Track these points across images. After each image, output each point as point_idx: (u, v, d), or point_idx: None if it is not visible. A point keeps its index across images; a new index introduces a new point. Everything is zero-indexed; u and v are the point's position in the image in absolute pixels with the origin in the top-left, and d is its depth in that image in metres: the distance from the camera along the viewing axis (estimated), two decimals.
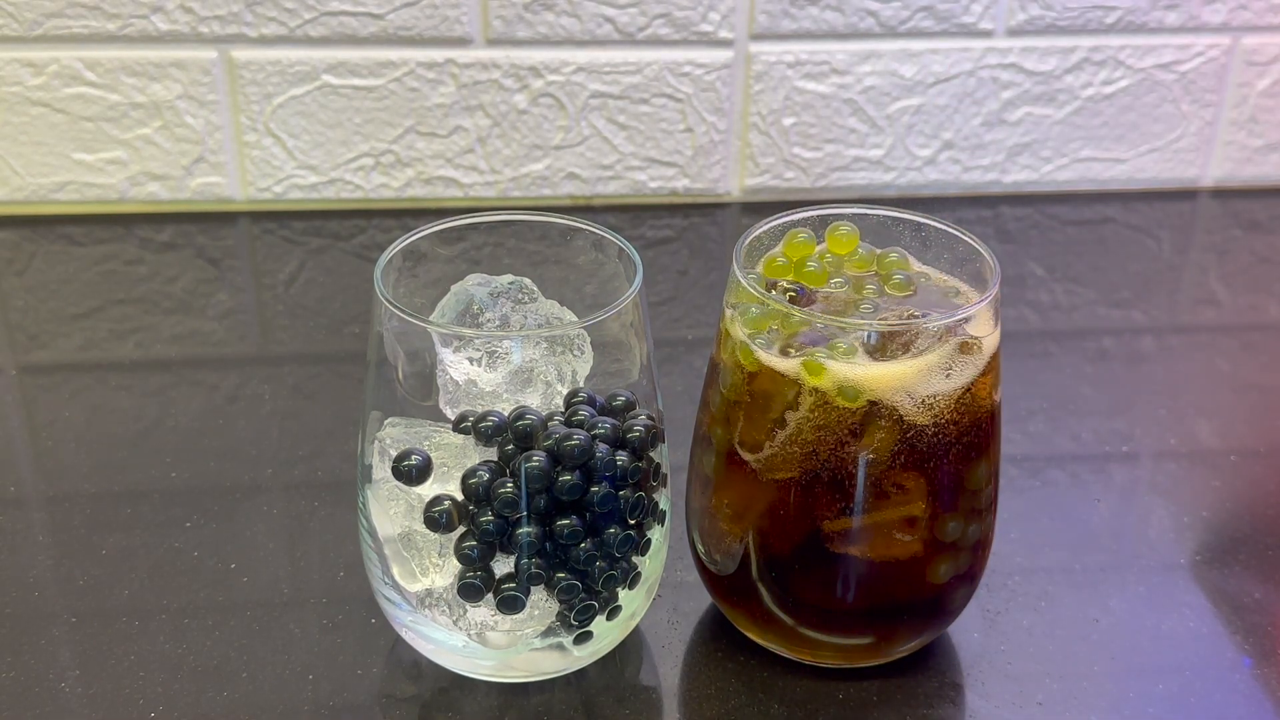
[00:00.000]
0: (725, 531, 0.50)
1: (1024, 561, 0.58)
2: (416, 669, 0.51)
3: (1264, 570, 0.57)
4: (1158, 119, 0.87)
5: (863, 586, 0.49)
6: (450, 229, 0.51)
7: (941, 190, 0.88)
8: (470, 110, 0.82)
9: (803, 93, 0.84)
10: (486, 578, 0.46)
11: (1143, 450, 0.65)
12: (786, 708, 0.50)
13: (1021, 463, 0.64)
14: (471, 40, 0.81)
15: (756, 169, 0.86)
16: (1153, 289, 0.80)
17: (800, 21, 0.82)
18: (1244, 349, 0.74)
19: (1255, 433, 0.67)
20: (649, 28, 0.81)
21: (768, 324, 0.47)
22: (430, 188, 0.84)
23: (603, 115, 0.83)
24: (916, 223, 0.51)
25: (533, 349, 0.46)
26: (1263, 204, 0.89)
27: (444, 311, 0.49)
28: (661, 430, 0.49)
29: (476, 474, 0.45)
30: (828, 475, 0.47)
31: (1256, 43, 0.86)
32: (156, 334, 0.73)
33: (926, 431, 0.46)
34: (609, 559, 0.47)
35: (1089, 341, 0.74)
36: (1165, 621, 0.55)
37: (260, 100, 0.81)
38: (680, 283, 0.79)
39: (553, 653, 0.49)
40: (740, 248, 0.49)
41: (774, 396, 0.47)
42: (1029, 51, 0.84)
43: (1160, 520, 0.60)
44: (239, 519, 0.59)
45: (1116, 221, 0.86)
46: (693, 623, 0.54)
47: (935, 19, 0.83)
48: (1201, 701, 0.51)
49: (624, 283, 0.49)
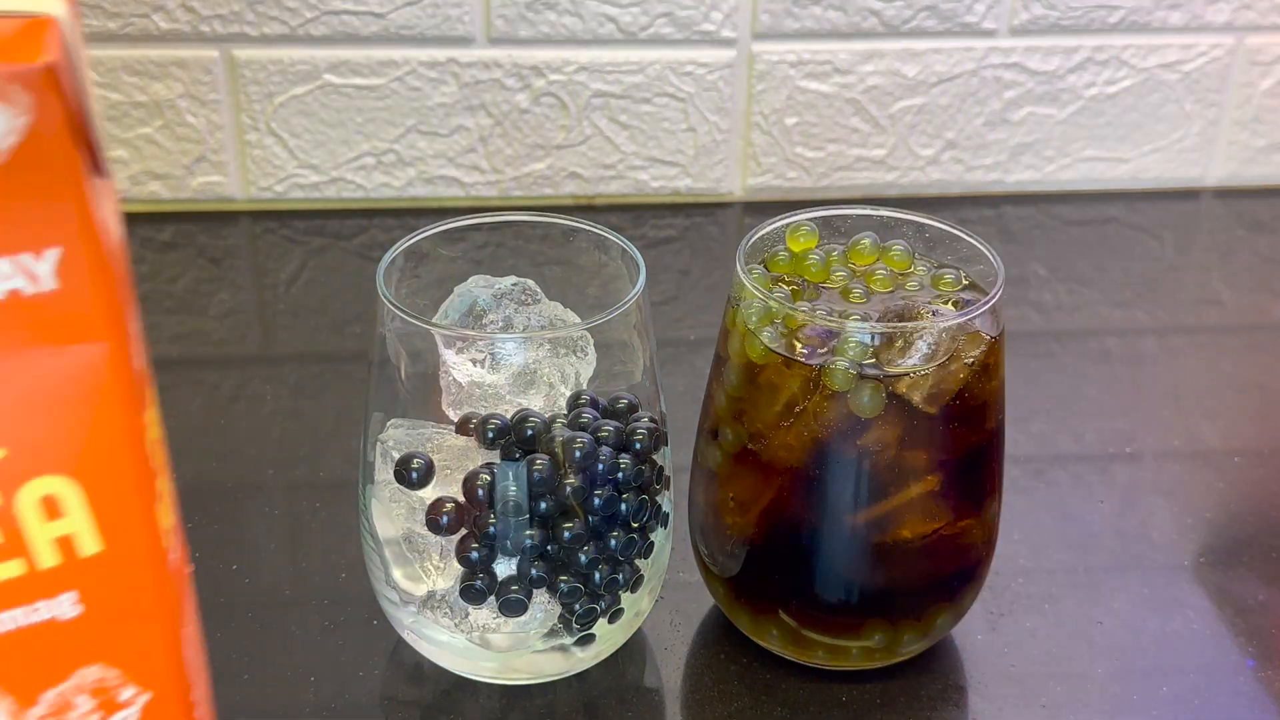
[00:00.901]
0: (729, 528, 0.50)
1: (1027, 563, 0.57)
2: (418, 671, 0.51)
3: (1268, 572, 0.57)
4: (1161, 119, 0.87)
5: (866, 585, 0.49)
6: (452, 229, 0.51)
7: (944, 190, 0.88)
8: (472, 110, 0.82)
9: (805, 92, 0.83)
10: (489, 581, 0.46)
11: (1146, 451, 0.65)
12: (789, 710, 0.50)
13: (1024, 463, 0.64)
14: (473, 39, 0.81)
15: (759, 169, 0.86)
16: (1156, 289, 0.80)
17: (803, 21, 0.82)
18: (1248, 349, 0.74)
19: (1259, 433, 0.67)
20: (651, 27, 0.81)
21: (772, 318, 0.47)
22: (432, 187, 0.84)
23: (605, 115, 0.83)
24: (919, 223, 0.51)
25: (536, 351, 0.46)
26: (1266, 204, 0.89)
27: (447, 313, 0.49)
28: (664, 433, 0.49)
29: (479, 477, 0.45)
30: (832, 470, 0.46)
31: (1260, 42, 0.86)
32: (158, 333, 0.72)
33: (931, 427, 0.46)
34: (612, 563, 0.47)
35: (1092, 342, 0.74)
36: (1169, 623, 0.55)
37: (262, 99, 0.81)
38: (682, 282, 0.79)
39: (555, 655, 0.49)
40: (745, 246, 0.49)
41: (779, 389, 0.47)
42: (1032, 51, 0.84)
43: (1164, 521, 0.60)
44: (240, 519, 0.59)
45: (1119, 221, 0.86)
46: (695, 624, 0.54)
47: (938, 18, 0.82)
48: (1205, 704, 0.51)
49: (626, 283, 0.49)
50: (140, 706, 0.36)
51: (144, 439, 0.34)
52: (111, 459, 0.33)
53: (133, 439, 0.33)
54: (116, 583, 0.34)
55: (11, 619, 0.33)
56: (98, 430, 0.32)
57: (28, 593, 0.33)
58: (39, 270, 0.30)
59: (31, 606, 0.33)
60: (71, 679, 0.35)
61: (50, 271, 0.30)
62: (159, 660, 0.36)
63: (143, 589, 0.35)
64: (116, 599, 0.34)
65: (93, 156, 0.31)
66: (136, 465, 0.33)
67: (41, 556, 0.33)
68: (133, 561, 0.34)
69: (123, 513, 0.33)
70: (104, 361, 0.32)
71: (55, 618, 0.34)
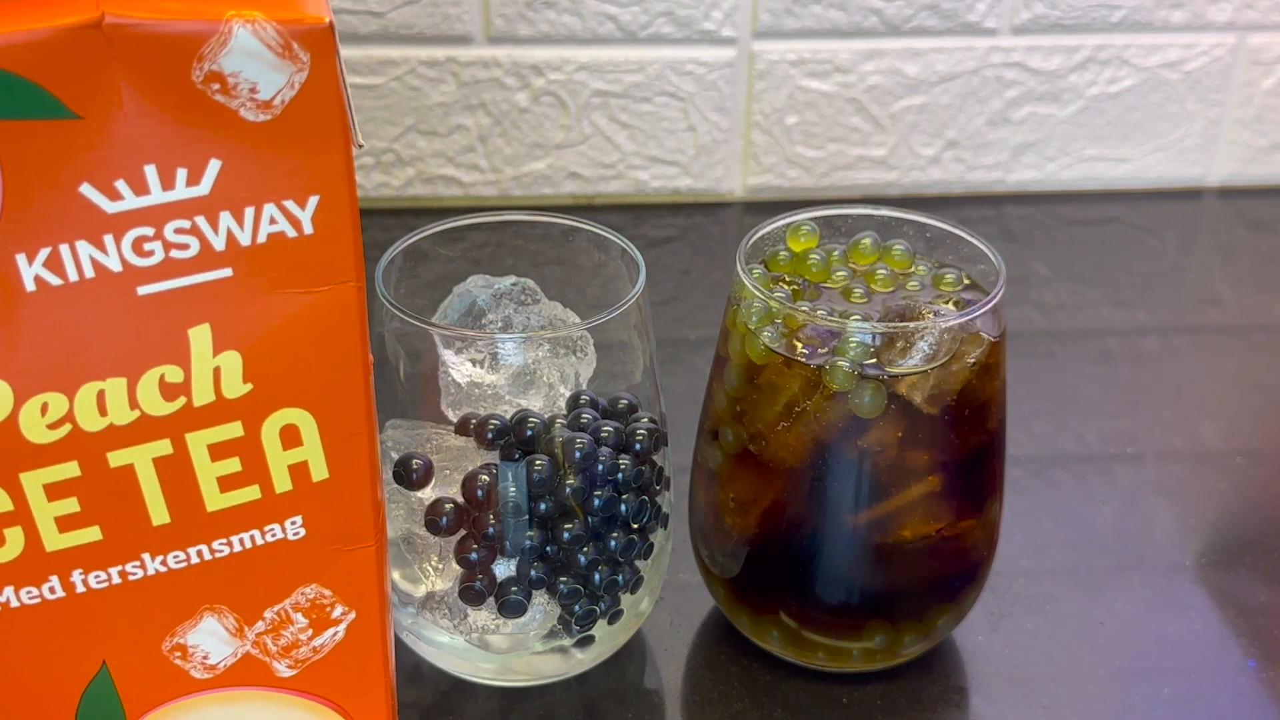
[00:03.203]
0: (729, 529, 0.50)
1: (1028, 564, 0.57)
2: (417, 672, 0.51)
3: (1270, 572, 0.57)
4: (1163, 118, 0.87)
5: (867, 587, 0.48)
6: (452, 229, 0.50)
7: (945, 189, 0.88)
8: (471, 109, 0.82)
9: (806, 91, 0.83)
10: (488, 582, 0.46)
11: (1148, 451, 0.65)
12: (789, 712, 0.50)
13: (1025, 464, 0.63)
14: (472, 38, 0.81)
15: (759, 168, 0.85)
16: (1158, 289, 0.79)
17: (803, 20, 0.82)
18: (1249, 349, 0.74)
19: (1261, 433, 0.67)
20: (651, 26, 0.81)
21: (773, 318, 0.47)
22: (431, 186, 0.84)
23: (604, 114, 0.83)
24: (920, 223, 0.51)
25: (536, 351, 0.46)
26: (1268, 203, 0.88)
27: (446, 313, 0.49)
28: (664, 433, 0.49)
29: (479, 477, 0.45)
30: (832, 471, 0.46)
31: (1262, 41, 0.85)
32: None
33: (932, 427, 0.46)
34: (611, 564, 0.46)
35: (1093, 341, 0.74)
36: (1171, 624, 0.54)
37: None
38: (682, 282, 0.78)
39: (554, 656, 0.49)
40: (745, 246, 0.49)
41: (779, 390, 0.46)
42: (1033, 50, 0.84)
43: (1165, 522, 0.60)
44: None
45: (1121, 221, 0.86)
46: (695, 625, 0.54)
47: (939, 17, 0.82)
48: (1207, 705, 0.51)
49: (626, 283, 0.49)
50: (348, 624, 0.38)
51: (371, 376, 0.36)
52: (346, 393, 0.35)
53: (365, 375, 0.35)
54: (337, 508, 0.36)
55: (246, 540, 0.36)
56: (337, 366, 0.34)
57: (262, 516, 0.36)
58: (300, 216, 0.32)
59: (265, 529, 0.36)
60: (291, 597, 0.37)
61: (309, 218, 0.32)
62: (366, 583, 0.38)
63: (359, 515, 0.37)
64: (336, 524, 0.37)
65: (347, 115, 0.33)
66: (365, 400, 0.35)
67: (278, 482, 0.35)
68: (353, 489, 0.36)
69: (349, 444, 0.36)
70: (350, 302, 0.34)
71: (283, 539, 0.36)
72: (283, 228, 0.32)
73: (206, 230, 0.32)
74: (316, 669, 0.38)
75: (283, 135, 0.31)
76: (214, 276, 0.32)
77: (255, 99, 0.30)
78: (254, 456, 0.34)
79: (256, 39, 0.30)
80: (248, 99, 0.30)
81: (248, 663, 0.38)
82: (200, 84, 0.30)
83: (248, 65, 0.30)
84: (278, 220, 0.32)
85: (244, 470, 0.34)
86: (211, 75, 0.30)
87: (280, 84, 0.30)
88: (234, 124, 0.30)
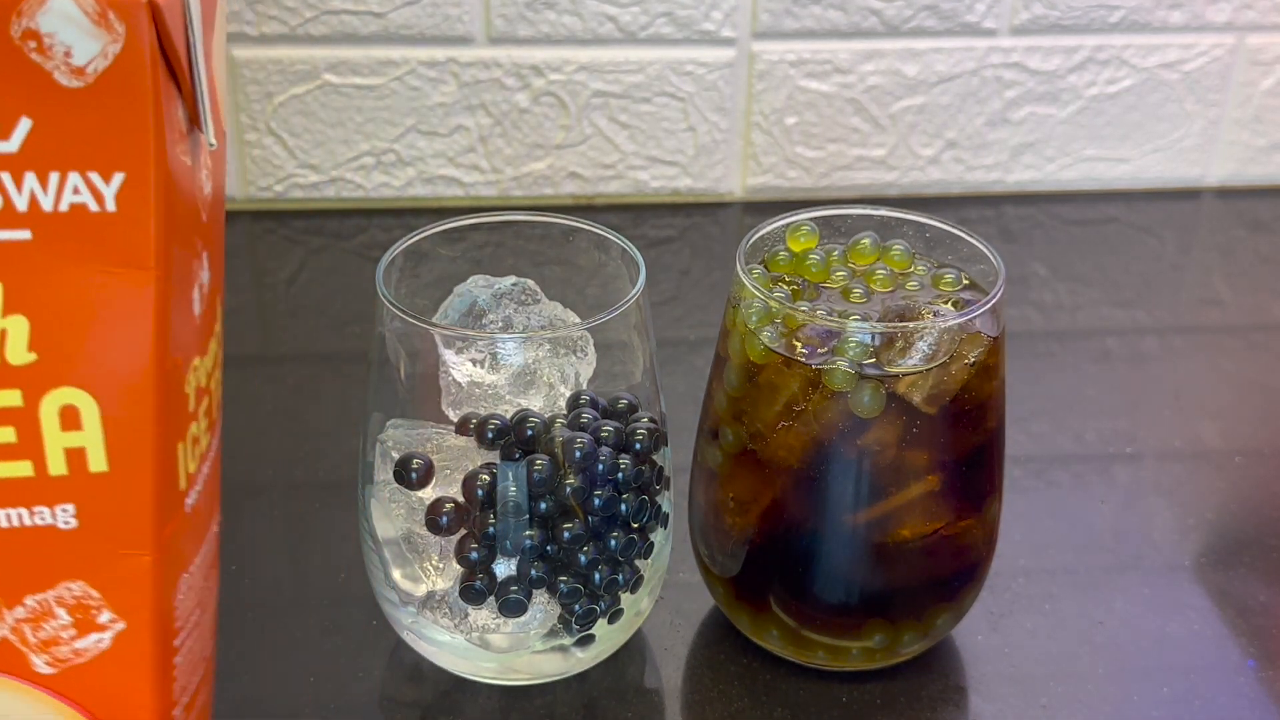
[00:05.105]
0: (729, 528, 0.50)
1: (1027, 563, 0.57)
2: (417, 671, 0.51)
3: (1269, 572, 0.57)
4: (1162, 118, 0.87)
5: (866, 586, 0.48)
6: (452, 229, 0.51)
7: (945, 190, 0.88)
8: (471, 109, 0.82)
9: (805, 92, 0.83)
10: (488, 581, 0.46)
11: (1147, 451, 0.65)
12: (789, 710, 0.50)
13: (1025, 463, 0.63)
14: (473, 39, 0.81)
15: (759, 168, 0.86)
16: (1157, 289, 0.79)
17: (803, 20, 0.82)
18: (1249, 349, 0.74)
19: (1260, 433, 0.67)
20: (651, 26, 0.81)
21: (772, 318, 0.47)
22: (431, 187, 0.84)
23: (604, 114, 0.83)
24: (920, 223, 0.51)
25: (536, 351, 0.46)
26: (1267, 204, 0.88)
27: (447, 313, 0.49)
28: (664, 433, 0.49)
29: (479, 477, 0.45)
30: (832, 471, 0.46)
31: (1261, 42, 0.85)
32: None
33: (931, 427, 0.46)
34: (611, 563, 0.47)
35: (1093, 342, 0.74)
36: (1169, 624, 0.54)
37: (261, 99, 0.81)
38: (682, 282, 0.78)
39: (554, 655, 0.49)
40: (745, 246, 0.49)
41: (779, 390, 0.46)
42: (1033, 51, 0.84)
43: (1164, 522, 0.60)
44: (239, 519, 0.59)
45: (1120, 221, 0.86)
46: (695, 625, 0.54)
47: (938, 18, 0.82)
48: (1206, 704, 0.51)
49: (626, 283, 0.49)
50: (115, 633, 0.36)
51: (179, 378, 0.35)
52: (134, 387, 0.34)
53: (161, 372, 0.34)
54: (114, 506, 0.35)
55: (13, 516, 0.34)
56: (125, 355, 0.33)
57: (31, 495, 0.34)
58: (104, 191, 0.32)
59: (33, 509, 0.34)
60: (55, 589, 0.36)
61: (113, 194, 0.32)
62: (139, 594, 0.36)
63: (137, 520, 0.35)
64: (111, 522, 0.35)
65: (189, 104, 0.32)
66: (159, 398, 0.34)
67: (51, 463, 0.34)
68: (133, 490, 0.35)
69: (135, 440, 0.34)
70: (147, 292, 0.33)
71: (52, 525, 0.35)
72: (85, 199, 0.32)
73: (10, 187, 0.31)
74: (77, 673, 0.37)
75: (93, 104, 0.31)
76: (12, 236, 0.32)
77: (69, 63, 0.30)
78: (30, 430, 0.33)
79: (73, 2, 0.30)
80: (62, 62, 0.30)
81: (5, 648, 0.36)
82: (18, 40, 0.30)
83: (63, 28, 0.30)
84: (81, 191, 0.32)
85: (18, 443, 0.33)
86: (29, 33, 0.30)
87: (94, 52, 0.30)
88: (48, 85, 0.30)
